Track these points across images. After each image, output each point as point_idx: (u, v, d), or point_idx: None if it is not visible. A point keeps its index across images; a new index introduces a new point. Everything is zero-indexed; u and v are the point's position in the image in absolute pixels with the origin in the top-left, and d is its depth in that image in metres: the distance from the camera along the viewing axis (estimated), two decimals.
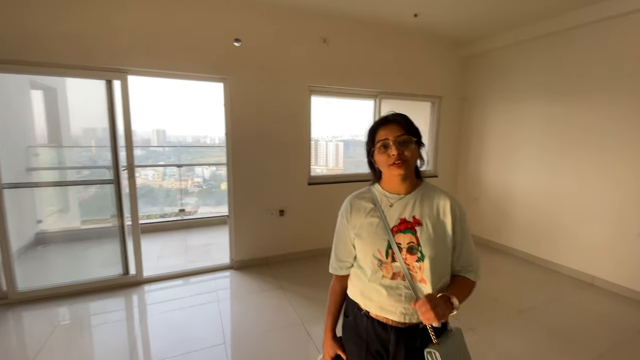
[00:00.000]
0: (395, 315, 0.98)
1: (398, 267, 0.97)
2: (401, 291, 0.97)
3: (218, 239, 4.27)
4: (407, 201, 1.01)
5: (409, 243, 0.96)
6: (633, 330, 2.36)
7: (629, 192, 2.79)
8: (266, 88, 3.19)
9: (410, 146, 0.97)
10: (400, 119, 1.00)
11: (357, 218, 1.05)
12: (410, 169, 0.99)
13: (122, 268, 2.93)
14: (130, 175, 2.81)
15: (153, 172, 5.66)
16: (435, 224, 0.98)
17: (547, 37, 3.30)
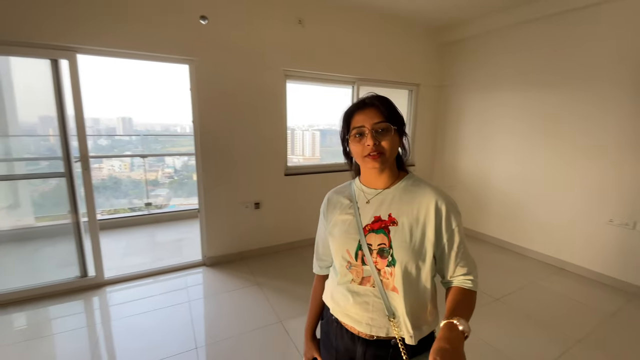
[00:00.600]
0: (360, 325, 0.87)
1: (369, 271, 0.86)
2: (369, 299, 0.86)
3: (189, 234, 4.03)
4: (384, 197, 0.89)
5: (380, 244, 0.84)
6: (605, 313, 2.43)
7: (600, 180, 2.86)
8: (238, 72, 2.96)
9: (389, 135, 0.83)
10: (379, 103, 0.85)
11: (332, 214, 0.97)
12: (388, 161, 0.86)
13: (79, 269, 2.66)
14: (85, 167, 2.52)
15: (120, 163, 5.27)
16: (413, 224, 0.84)
17: (521, 25, 3.28)
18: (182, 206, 5.10)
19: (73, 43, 2.33)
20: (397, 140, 0.86)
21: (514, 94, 3.46)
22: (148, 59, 2.67)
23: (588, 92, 2.86)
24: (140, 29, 2.52)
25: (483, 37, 3.70)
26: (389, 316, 0.83)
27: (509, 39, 3.44)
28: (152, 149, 5.50)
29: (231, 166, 3.07)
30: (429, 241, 0.84)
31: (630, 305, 2.53)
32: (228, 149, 3.04)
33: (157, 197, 5.02)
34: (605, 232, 2.85)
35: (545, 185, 3.26)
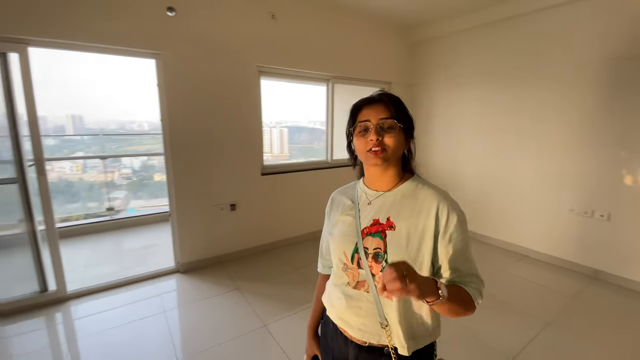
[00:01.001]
0: (352, 329, 0.86)
1: (364, 276, 0.84)
2: (362, 304, 0.84)
3: (159, 240, 3.82)
4: (385, 199, 0.86)
5: (375, 249, 0.82)
6: (569, 296, 2.61)
7: (561, 173, 3.06)
8: (209, 68, 2.82)
9: (393, 132, 0.81)
10: (387, 100, 0.83)
11: (335, 214, 0.96)
12: (391, 159, 0.82)
13: (38, 284, 2.42)
14: (40, 172, 2.29)
15: (71, 164, 4.86)
16: (411, 230, 0.80)
17: (486, 26, 3.44)
18: (143, 209, 4.82)
19: (24, 35, 2.09)
20: (402, 139, 0.84)
21: (481, 92, 3.62)
22: (110, 52, 2.47)
23: (549, 92, 3.05)
24: (102, 20, 2.32)
25: (451, 37, 3.83)
26: (381, 323, 0.81)
27: (475, 39, 3.58)
28: (107, 148, 5.08)
29: (204, 166, 2.94)
30: (427, 249, 0.80)
31: (590, 287, 2.75)
32: (200, 148, 2.90)
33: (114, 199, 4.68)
34: (566, 220, 3.06)
35: (510, 178, 3.45)
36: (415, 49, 4.28)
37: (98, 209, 4.50)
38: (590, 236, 2.93)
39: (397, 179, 0.87)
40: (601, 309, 2.44)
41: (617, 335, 2.14)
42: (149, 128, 5.73)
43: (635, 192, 2.64)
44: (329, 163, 3.86)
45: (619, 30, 2.60)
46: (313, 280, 2.80)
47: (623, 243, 2.74)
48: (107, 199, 4.54)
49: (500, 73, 3.40)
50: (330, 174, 3.82)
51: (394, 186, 0.87)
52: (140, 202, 5.14)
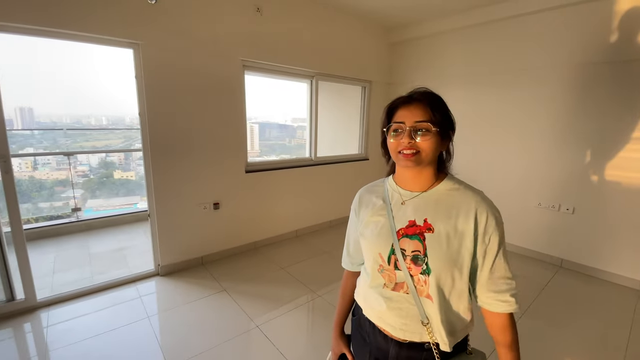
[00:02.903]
0: (394, 330, 0.86)
1: (402, 277, 0.83)
2: (402, 305, 0.84)
3: (132, 242, 3.62)
4: (421, 200, 0.85)
5: (414, 251, 0.81)
6: (540, 285, 2.81)
7: (529, 168, 3.28)
8: (192, 60, 2.69)
9: (428, 135, 0.78)
10: (425, 100, 0.80)
11: (364, 214, 0.93)
12: (423, 162, 0.80)
13: (4, 292, 2.20)
14: (6, 170, 2.07)
15: (20, 161, 4.45)
16: (450, 232, 0.79)
17: (466, 29, 3.58)
18: (102, 209, 4.53)
19: None
20: (438, 142, 0.81)
21: (458, 93, 3.77)
22: (83, 40, 2.28)
23: (524, 93, 3.24)
24: (76, 5, 2.13)
25: (431, 38, 3.94)
26: (423, 321, 0.82)
27: (455, 41, 3.72)
28: (60, 144, 4.70)
29: (186, 163, 2.81)
30: (467, 251, 0.79)
31: (558, 276, 2.97)
32: (182, 144, 2.77)
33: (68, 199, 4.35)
34: (535, 214, 3.28)
35: (485, 175, 3.63)
36: (395, 49, 4.36)
37: (62, 209, 4.17)
38: (557, 228, 3.16)
39: (432, 180, 0.85)
40: (568, 295, 2.65)
41: (584, 320, 2.34)
42: (107, 123, 5.38)
43: (598, 188, 2.89)
44: (312, 160, 3.85)
45: (589, 37, 2.81)
46: (300, 278, 2.79)
47: (586, 234, 3.00)
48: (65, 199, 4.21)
49: (477, 75, 3.56)
50: (314, 171, 3.81)
51: (429, 187, 0.85)
52: (98, 202, 4.82)
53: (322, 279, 2.80)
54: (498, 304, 0.80)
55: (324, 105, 3.87)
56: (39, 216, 4.13)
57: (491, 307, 0.81)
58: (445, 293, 0.81)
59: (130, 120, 5.32)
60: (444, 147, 0.85)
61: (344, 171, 4.17)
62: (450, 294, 0.81)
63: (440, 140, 0.82)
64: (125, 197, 5.08)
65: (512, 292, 0.80)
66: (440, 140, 0.82)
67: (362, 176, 4.43)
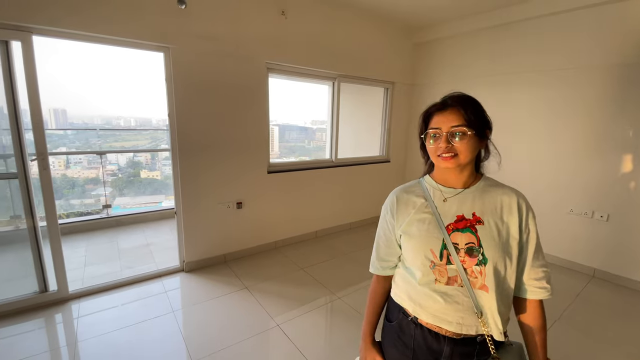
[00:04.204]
0: (451, 325, 0.85)
1: (454, 271, 0.85)
2: (459, 298, 0.85)
3: (157, 238, 3.73)
4: (465, 196, 0.89)
5: (468, 244, 0.83)
6: (572, 294, 2.68)
7: (559, 173, 3.14)
8: (218, 63, 2.76)
9: (465, 139, 0.82)
10: (460, 106, 0.84)
11: (405, 214, 0.93)
12: (463, 162, 0.85)
13: (38, 283, 2.32)
14: (44, 167, 2.19)
15: (53, 160, 4.70)
16: (498, 222, 0.85)
17: (493, 28, 3.49)
18: (129, 207, 4.70)
19: (28, 22, 1.99)
20: (475, 143, 0.85)
21: (486, 94, 3.66)
22: (118, 44, 2.38)
23: (554, 95, 3.11)
24: (110, 10, 2.23)
25: (457, 38, 3.87)
26: (477, 314, 0.83)
27: (482, 41, 3.63)
28: (92, 144, 4.94)
29: (211, 163, 2.88)
30: (514, 239, 0.85)
31: (590, 286, 2.83)
32: (208, 144, 2.83)
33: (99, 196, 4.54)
34: (566, 221, 3.14)
35: (512, 178, 3.49)
36: (419, 50, 4.31)
37: (93, 206, 4.36)
38: (590, 236, 3.01)
39: (473, 177, 0.91)
40: (601, 306, 2.51)
41: (620, 332, 2.21)
42: (135, 124, 5.60)
43: (634, 195, 2.73)
44: (333, 162, 3.85)
45: (623, 37, 2.68)
46: (320, 279, 2.79)
47: (621, 243, 2.83)
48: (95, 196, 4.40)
49: (506, 75, 3.46)
50: (334, 173, 3.81)
51: (471, 183, 0.90)
52: (126, 200, 5.02)
53: (342, 281, 2.79)
54: (537, 290, 0.87)
55: (344, 107, 3.86)
56: (70, 212, 4.33)
57: (531, 294, 0.87)
58: (499, 282, 0.83)
59: (157, 122, 5.52)
60: (482, 145, 0.90)
61: (364, 173, 4.14)
62: (503, 283, 0.84)
63: (477, 141, 0.86)
64: (151, 195, 5.26)
65: (548, 279, 0.87)
66: (477, 141, 0.86)
67: (383, 178, 4.38)
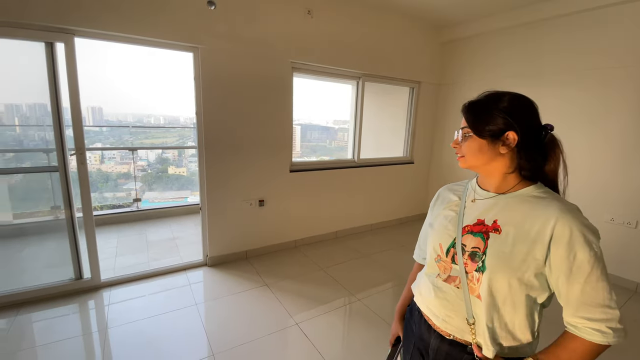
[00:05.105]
0: (437, 319, 0.87)
1: (457, 272, 0.84)
2: (449, 297, 0.85)
3: (183, 233, 3.85)
4: (495, 201, 0.83)
5: (474, 247, 0.81)
6: None
7: (597, 180, 2.95)
8: (244, 62, 2.82)
9: (468, 140, 0.82)
10: (465, 109, 0.84)
11: (438, 208, 0.98)
12: (470, 164, 0.84)
13: (73, 271, 2.46)
14: (81, 161, 2.32)
15: (89, 155, 4.99)
16: (519, 237, 0.74)
17: (523, 26, 3.33)
18: (156, 201, 4.89)
19: (71, 25, 2.12)
20: (481, 146, 0.80)
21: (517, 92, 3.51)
22: (151, 45, 2.48)
23: (593, 97, 2.93)
24: (145, 12, 2.33)
25: (484, 36, 3.73)
26: (468, 319, 0.80)
27: (510, 39, 3.48)
28: (124, 140, 5.19)
29: (236, 161, 2.94)
30: (535, 261, 0.73)
31: (632, 303, 2.64)
32: (233, 143, 2.90)
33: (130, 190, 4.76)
34: (606, 230, 2.94)
35: None
36: (446, 49, 4.19)
37: (124, 199, 4.58)
38: (632, 248, 2.81)
39: (512, 183, 0.82)
40: None
41: None
42: (164, 122, 5.83)
43: None
44: (355, 162, 3.82)
45: None
46: (339, 280, 2.78)
47: None
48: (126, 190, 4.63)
49: (534, 75, 3.30)
50: (356, 173, 3.79)
51: (508, 190, 0.83)
52: (154, 194, 5.23)
53: (362, 283, 2.76)
54: (589, 331, 0.69)
55: (367, 107, 3.83)
56: (103, 204, 4.57)
57: (580, 331, 0.70)
58: (497, 297, 0.76)
59: (184, 120, 5.73)
60: (494, 149, 0.80)
61: (387, 174, 4.09)
62: (503, 301, 0.76)
63: (488, 144, 0.80)
64: (177, 191, 5.47)
65: (610, 324, 0.68)
66: (488, 144, 0.80)
67: (406, 180, 4.31)
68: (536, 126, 0.81)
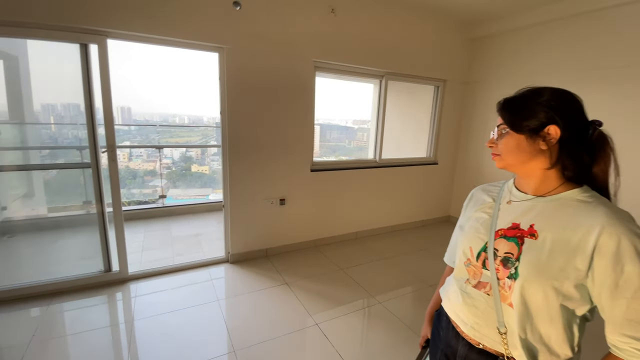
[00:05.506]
0: (465, 326, 0.83)
1: (487, 277, 0.79)
2: (479, 304, 0.80)
3: (206, 229, 3.93)
4: (533, 204, 0.77)
5: (507, 253, 0.76)
6: None
7: None
8: (268, 62, 2.83)
9: (504, 137, 0.78)
10: (502, 105, 0.80)
11: (471, 210, 0.93)
12: (506, 162, 0.79)
13: (103, 263, 2.56)
14: (112, 158, 2.41)
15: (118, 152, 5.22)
16: (558, 244, 0.68)
17: (557, 21, 3.16)
18: (180, 198, 5.03)
19: (104, 27, 2.20)
20: (518, 143, 0.76)
21: None
22: (179, 45, 2.54)
23: (632, 93, 2.75)
24: (174, 14, 2.39)
25: (514, 32, 3.58)
26: (499, 329, 0.76)
27: (543, 35, 3.31)
28: (151, 139, 5.38)
29: (258, 160, 2.97)
30: (575, 271, 0.66)
31: None
32: (255, 142, 2.92)
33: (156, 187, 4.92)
34: None
35: None
36: (473, 45, 4.06)
37: (150, 195, 4.74)
38: None
39: (554, 185, 0.76)
40: None
41: None
42: (188, 121, 5.99)
43: None
44: (376, 162, 3.77)
45: None
46: (360, 282, 2.75)
47: None
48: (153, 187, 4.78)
49: (571, 71, 3.12)
50: (377, 173, 3.74)
51: (548, 192, 0.76)
52: (177, 191, 5.38)
53: (382, 285, 2.72)
54: (635, 353, 0.63)
55: (389, 106, 3.76)
56: (130, 200, 4.74)
57: (625, 354, 0.65)
58: (530, 307, 0.72)
59: (207, 119, 5.86)
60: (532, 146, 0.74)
61: (409, 175, 4.01)
62: (537, 311, 0.71)
63: (526, 139, 0.75)
64: (200, 188, 5.61)
65: None
66: (526, 139, 0.75)
67: (430, 181, 4.21)
68: (581, 121, 0.74)
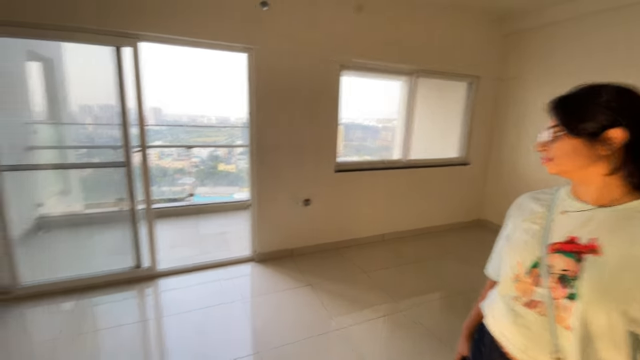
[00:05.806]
0: (515, 349, 0.76)
1: (540, 296, 0.71)
2: (531, 325, 0.73)
3: (233, 227, 3.98)
4: (593, 215, 0.69)
5: (564, 270, 0.68)
6: None
7: None
8: (295, 62, 2.81)
9: (558, 141, 0.71)
10: (555, 105, 0.74)
11: (517, 219, 0.85)
12: (560, 167, 0.72)
13: (133, 260, 2.64)
14: (144, 157, 2.48)
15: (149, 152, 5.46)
16: (626, 262, 0.61)
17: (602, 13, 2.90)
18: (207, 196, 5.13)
19: (136, 30, 2.26)
20: (571, 146, 0.69)
21: None
22: (209, 47, 2.57)
23: None
24: (203, 16, 2.42)
25: (553, 26, 3.33)
26: (552, 354, 0.68)
27: (586, 28, 3.06)
28: (181, 139, 5.55)
29: (284, 160, 2.95)
30: None
31: None
32: (280, 142, 2.91)
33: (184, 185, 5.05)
34: None
35: None
36: (509, 40, 3.83)
37: (179, 193, 4.88)
38: None
39: (619, 193, 0.68)
40: None
41: None
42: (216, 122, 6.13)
43: None
44: (403, 162, 3.66)
45: None
46: (384, 286, 2.67)
47: None
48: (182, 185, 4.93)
49: (618, 68, 2.86)
50: (404, 174, 3.62)
51: (613, 202, 0.68)
52: (205, 190, 5.51)
53: (408, 290, 2.63)
54: None
55: (417, 104, 3.63)
56: (160, 198, 4.91)
57: None
58: (592, 331, 0.64)
59: (234, 119, 5.97)
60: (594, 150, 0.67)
61: (438, 176, 3.86)
62: (599, 336, 0.64)
63: (584, 144, 0.67)
64: (226, 187, 5.72)
65: None
66: (584, 144, 0.67)
67: (461, 183, 4.03)
68: None
